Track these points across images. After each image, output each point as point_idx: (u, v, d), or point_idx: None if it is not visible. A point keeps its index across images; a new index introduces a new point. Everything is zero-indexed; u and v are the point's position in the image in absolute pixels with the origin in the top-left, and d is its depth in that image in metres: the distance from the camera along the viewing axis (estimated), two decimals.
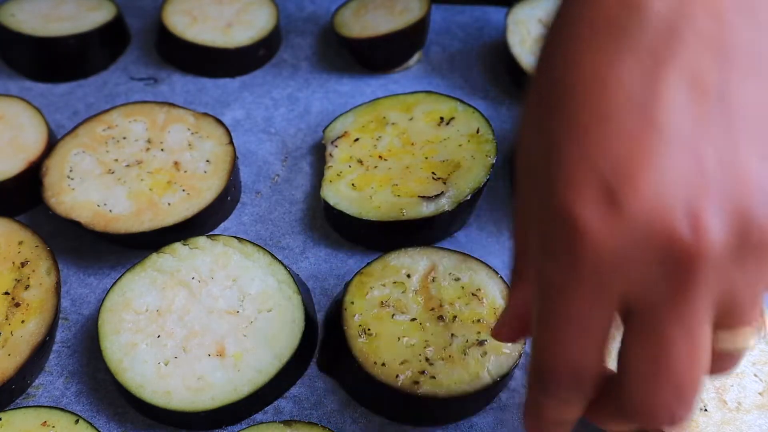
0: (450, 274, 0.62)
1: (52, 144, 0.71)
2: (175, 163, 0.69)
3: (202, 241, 0.62)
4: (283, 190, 0.74)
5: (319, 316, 0.64)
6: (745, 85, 0.33)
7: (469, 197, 0.67)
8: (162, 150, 0.70)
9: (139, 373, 0.55)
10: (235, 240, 0.62)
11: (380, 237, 0.68)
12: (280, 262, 0.61)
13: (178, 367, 0.56)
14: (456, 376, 0.56)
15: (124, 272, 0.61)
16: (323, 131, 0.74)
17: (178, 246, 0.62)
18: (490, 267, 0.62)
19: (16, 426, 0.53)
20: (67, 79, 0.83)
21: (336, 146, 0.72)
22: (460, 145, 0.70)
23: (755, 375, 0.58)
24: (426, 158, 0.70)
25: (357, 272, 0.62)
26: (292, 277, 0.61)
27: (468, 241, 0.70)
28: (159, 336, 0.57)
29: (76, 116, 0.79)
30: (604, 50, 0.34)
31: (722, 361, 0.36)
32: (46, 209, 0.67)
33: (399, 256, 0.62)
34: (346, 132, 0.73)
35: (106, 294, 0.59)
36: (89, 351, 0.62)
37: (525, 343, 0.58)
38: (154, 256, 0.61)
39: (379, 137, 0.72)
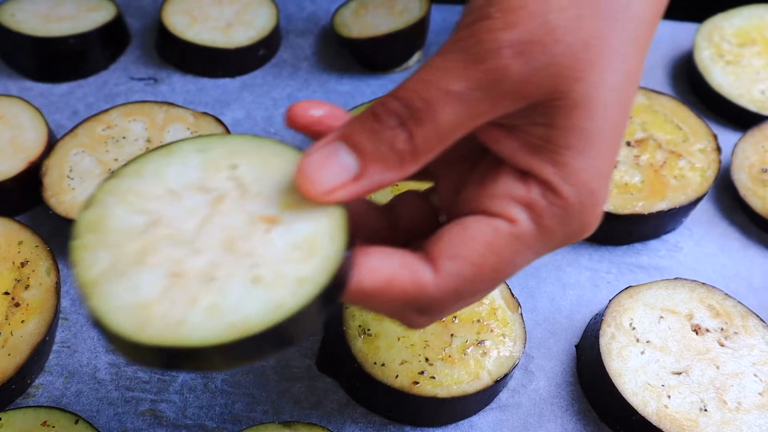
0: None
1: (52, 144, 0.71)
2: None
3: None
4: None
5: None
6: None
7: None
8: None
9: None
10: None
11: None
12: None
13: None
14: (456, 376, 0.56)
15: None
16: None
17: None
18: None
19: (16, 426, 0.53)
20: (67, 79, 0.83)
21: None
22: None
23: (755, 375, 0.58)
24: None
25: None
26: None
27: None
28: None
29: (76, 116, 0.79)
30: None
31: None
32: (46, 209, 0.67)
33: None
34: None
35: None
36: (89, 351, 0.62)
37: (525, 344, 0.59)
38: None
39: None
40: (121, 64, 0.85)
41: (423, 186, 0.49)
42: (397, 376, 0.56)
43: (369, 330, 0.58)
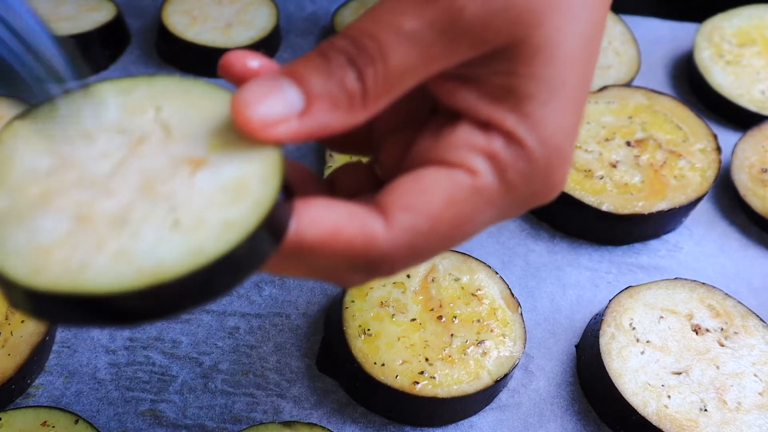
0: (450, 274, 0.62)
1: None
2: None
3: None
4: None
5: (320, 316, 0.64)
6: None
7: None
8: None
9: None
10: None
11: None
12: None
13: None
14: (456, 376, 0.56)
15: None
16: None
17: None
18: (490, 267, 0.63)
19: (16, 426, 0.53)
20: None
21: None
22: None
23: (755, 375, 0.58)
24: None
25: None
26: None
27: (468, 241, 0.70)
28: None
29: None
30: None
31: None
32: None
33: None
34: None
35: None
36: (89, 351, 0.62)
37: (525, 344, 0.59)
38: None
39: None
40: (121, 64, 0.85)
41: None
42: (397, 376, 0.56)
43: (369, 330, 0.58)
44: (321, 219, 0.34)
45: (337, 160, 0.70)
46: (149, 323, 0.44)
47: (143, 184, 0.33)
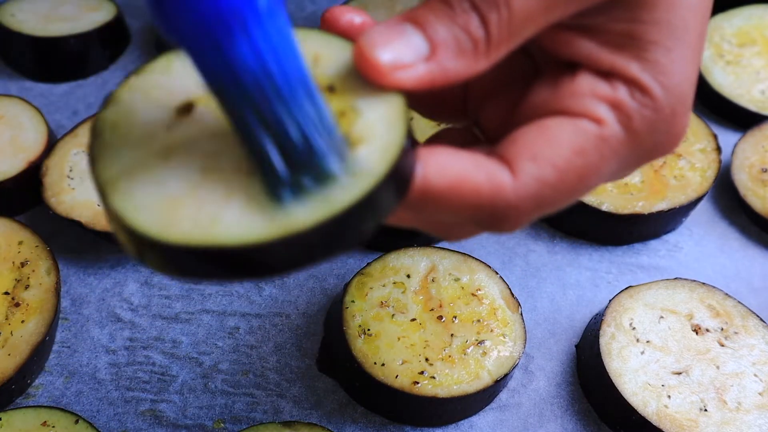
0: (450, 274, 0.62)
1: (52, 144, 0.71)
2: None
3: None
4: None
5: (320, 316, 0.64)
6: None
7: None
8: None
9: None
10: None
11: (380, 237, 0.68)
12: None
13: None
14: (456, 376, 0.56)
15: None
16: None
17: None
18: (490, 267, 0.63)
19: (16, 426, 0.53)
20: (67, 79, 0.83)
21: None
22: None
23: (755, 375, 0.58)
24: None
25: (357, 272, 0.62)
26: None
27: (468, 241, 0.70)
28: None
29: (76, 116, 0.79)
30: None
31: None
32: (46, 209, 0.67)
33: (399, 257, 0.62)
34: None
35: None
36: (89, 351, 0.62)
37: (525, 344, 0.59)
38: None
39: None
40: (121, 64, 0.85)
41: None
42: (397, 376, 0.56)
43: (369, 330, 0.58)
44: (448, 166, 0.33)
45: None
46: (278, 276, 0.43)
47: None
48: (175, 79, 0.34)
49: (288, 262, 0.30)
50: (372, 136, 0.31)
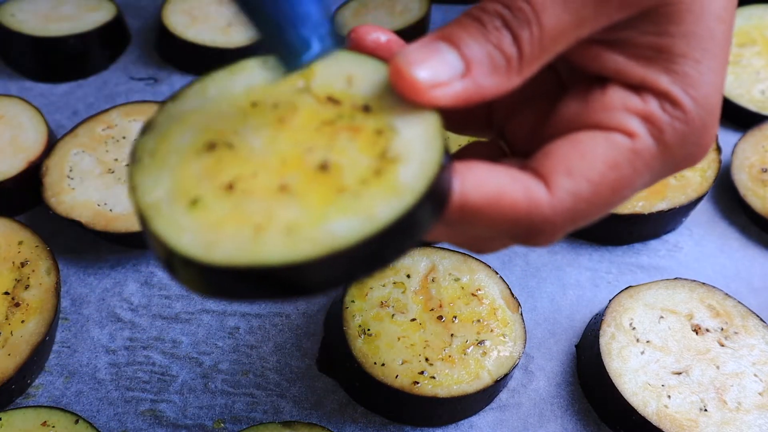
0: (450, 274, 0.62)
1: (52, 144, 0.71)
2: None
3: None
4: None
5: (320, 316, 0.64)
6: None
7: None
8: None
9: None
10: None
11: None
12: None
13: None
14: (456, 376, 0.56)
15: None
16: None
17: None
18: (490, 267, 0.63)
19: (16, 426, 0.53)
20: (67, 79, 0.83)
21: None
22: (459, 145, 0.70)
23: (755, 375, 0.58)
24: None
25: None
26: None
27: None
28: None
29: (76, 116, 0.79)
30: None
31: None
32: (46, 209, 0.67)
33: None
34: None
35: None
36: (89, 351, 0.62)
37: (525, 344, 0.59)
38: None
39: None
40: (121, 64, 0.85)
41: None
42: (397, 376, 0.56)
43: (369, 330, 0.58)
44: (486, 181, 0.34)
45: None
46: (318, 295, 0.44)
47: (301, 154, 0.32)
48: (210, 103, 0.35)
49: (329, 280, 0.30)
50: (411, 153, 0.31)
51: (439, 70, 0.33)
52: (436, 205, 0.32)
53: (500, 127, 0.43)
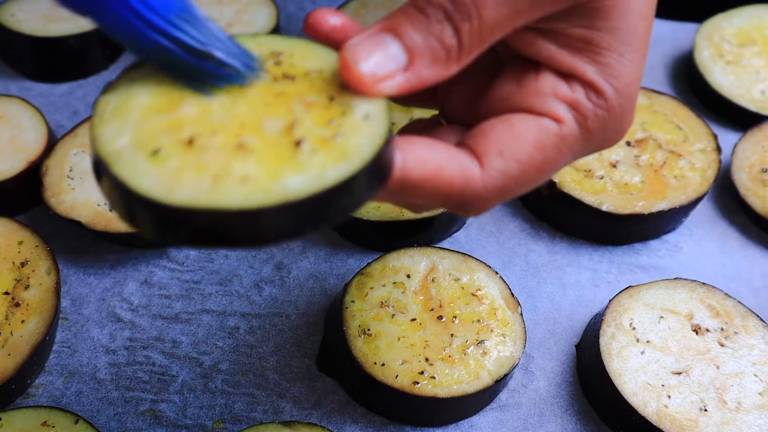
0: (450, 274, 0.62)
1: (52, 144, 0.71)
2: None
3: None
4: None
5: (320, 316, 0.64)
6: None
7: None
8: None
9: None
10: None
11: (380, 237, 0.68)
12: None
13: None
14: (456, 376, 0.56)
15: None
16: None
17: None
18: (490, 267, 0.63)
19: (16, 426, 0.53)
20: (67, 79, 0.83)
21: None
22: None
23: (755, 375, 0.58)
24: None
25: (357, 272, 0.62)
26: None
27: (468, 241, 0.70)
28: None
29: (76, 116, 0.79)
30: None
31: None
32: (46, 209, 0.67)
33: (399, 257, 0.62)
34: None
35: None
36: (89, 351, 0.62)
37: (525, 344, 0.59)
38: None
39: None
40: (121, 64, 0.85)
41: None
42: (397, 376, 0.56)
43: (369, 330, 0.58)
44: (426, 159, 0.37)
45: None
46: (265, 246, 0.48)
47: (260, 120, 0.35)
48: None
49: (279, 231, 0.33)
50: (361, 128, 0.35)
51: (383, 64, 0.36)
52: (380, 174, 0.36)
53: (442, 101, 0.47)
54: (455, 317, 0.59)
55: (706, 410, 0.56)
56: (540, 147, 0.39)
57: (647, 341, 0.59)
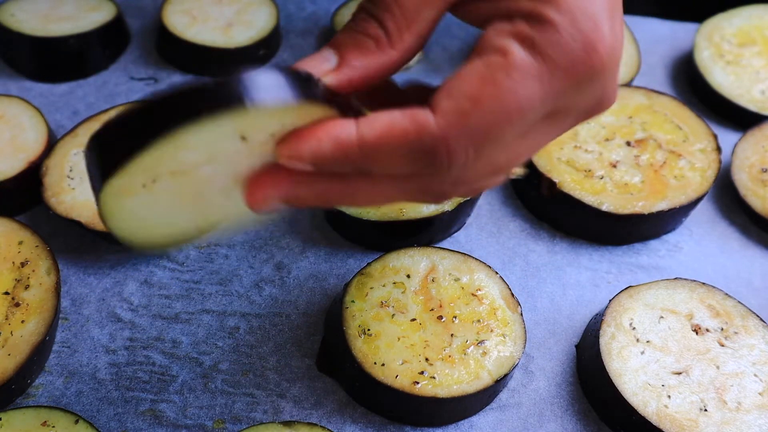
0: (450, 274, 0.62)
1: (52, 144, 0.71)
2: None
3: None
4: None
5: (320, 316, 0.64)
6: None
7: (469, 197, 0.66)
8: None
9: None
10: None
11: (380, 237, 0.68)
12: None
13: None
14: (456, 376, 0.56)
15: None
16: None
17: None
18: (490, 267, 0.63)
19: (16, 426, 0.53)
20: (67, 79, 0.83)
21: None
22: None
23: (755, 375, 0.58)
24: None
25: (357, 272, 0.62)
26: None
27: (468, 241, 0.70)
28: None
29: (76, 116, 0.79)
30: None
31: None
32: (46, 209, 0.67)
33: (399, 257, 0.62)
34: None
35: None
36: (89, 351, 0.62)
37: (525, 344, 0.59)
38: None
39: None
40: (121, 64, 0.85)
41: None
42: (397, 376, 0.56)
43: (369, 330, 0.58)
44: (377, 119, 0.39)
45: None
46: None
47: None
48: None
49: None
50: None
51: (317, 65, 0.41)
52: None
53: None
54: (455, 317, 0.59)
55: (706, 410, 0.56)
56: (489, 79, 0.38)
57: (647, 341, 0.59)
